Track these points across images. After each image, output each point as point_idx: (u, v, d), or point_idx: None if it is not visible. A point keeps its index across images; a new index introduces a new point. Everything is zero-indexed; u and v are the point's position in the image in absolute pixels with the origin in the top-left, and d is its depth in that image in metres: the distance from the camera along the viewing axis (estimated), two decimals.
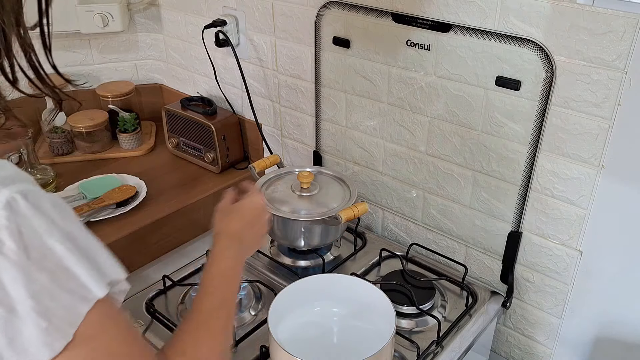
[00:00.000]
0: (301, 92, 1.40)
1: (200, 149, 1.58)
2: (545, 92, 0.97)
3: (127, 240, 1.30)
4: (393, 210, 1.33)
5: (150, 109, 1.82)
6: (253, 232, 0.89)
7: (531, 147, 1.02)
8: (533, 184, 1.05)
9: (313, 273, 1.07)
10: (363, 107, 1.27)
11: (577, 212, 1.02)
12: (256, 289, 1.14)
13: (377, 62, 1.19)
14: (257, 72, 1.49)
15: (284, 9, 1.33)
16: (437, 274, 1.20)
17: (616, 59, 0.87)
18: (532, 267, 1.12)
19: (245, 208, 0.90)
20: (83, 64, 1.75)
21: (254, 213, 0.90)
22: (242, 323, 1.06)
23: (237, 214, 0.88)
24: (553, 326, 1.14)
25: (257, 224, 0.90)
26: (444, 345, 1.02)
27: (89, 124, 1.60)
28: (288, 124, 1.48)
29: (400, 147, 1.24)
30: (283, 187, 1.21)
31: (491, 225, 1.15)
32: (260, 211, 0.92)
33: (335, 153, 1.39)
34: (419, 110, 1.17)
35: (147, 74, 1.83)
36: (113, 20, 1.59)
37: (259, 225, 0.91)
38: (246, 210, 0.90)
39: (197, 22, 1.58)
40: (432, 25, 1.06)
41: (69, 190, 1.43)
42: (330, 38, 1.25)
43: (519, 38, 0.96)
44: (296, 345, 0.89)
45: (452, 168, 1.16)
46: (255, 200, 0.92)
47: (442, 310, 1.10)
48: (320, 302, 1.00)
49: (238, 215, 0.88)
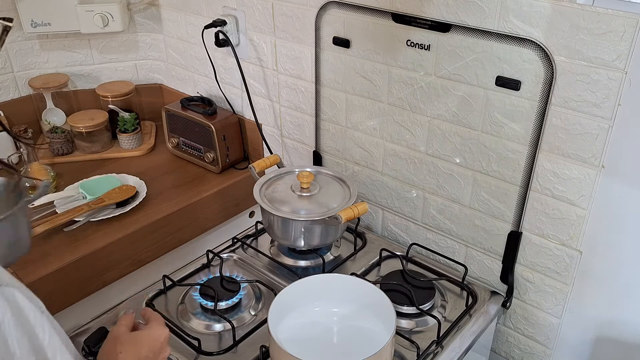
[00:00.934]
0: (301, 92, 1.40)
1: (200, 149, 1.58)
2: (545, 92, 0.97)
3: (127, 240, 1.30)
4: (393, 210, 1.33)
5: (150, 109, 1.82)
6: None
7: (531, 147, 1.02)
8: (533, 184, 1.05)
9: (313, 273, 1.07)
10: (363, 107, 1.27)
11: (577, 212, 1.02)
12: (256, 289, 1.14)
13: (377, 62, 1.19)
14: (257, 72, 1.49)
15: (284, 9, 1.33)
16: (437, 274, 1.20)
17: (616, 59, 0.87)
18: (532, 267, 1.12)
19: (143, 341, 0.79)
20: (83, 64, 1.75)
21: (153, 348, 0.79)
22: (242, 323, 1.06)
23: (132, 348, 0.78)
24: (553, 326, 1.14)
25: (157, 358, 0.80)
26: (444, 345, 1.02)
27: (89, 124, 1.60)
28: (288, 124, 1.48)
29: (400, 147, 1.24)
30: (283, 187, 1.21)
31: (491, 225, 1.15)
32: (160, 347, 0.81)
33: (335, 153, 1.39)
34: (419, 110, 1.17)
35: (147, 74, 1.83)
36: (113, 20, 1.59)
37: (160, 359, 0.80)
38: (144, 344, 0.79)
39: (197, 22, 1.58)
40: (432, 25, 1.06)
41: (69, 190, 1.43)
42: (330, 38, 1.25)
43: (519, 38, 0.96)
44: (296, 345, 0.89)
45: (452, 168, 1.16)
46: (157, 333, 0.81)
47: (442, 310, 1.10)
48: (320, 302, 1.00)
49: (133, 350, 0.78)
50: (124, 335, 0.80)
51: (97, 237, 1.29)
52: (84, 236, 1.29)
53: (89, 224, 1.33)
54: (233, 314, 1.07)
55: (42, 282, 1.16)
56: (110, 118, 1.66)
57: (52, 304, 1.20)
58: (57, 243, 1.26)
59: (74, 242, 1.27)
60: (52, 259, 1.21)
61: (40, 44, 1.69)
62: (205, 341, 1.02)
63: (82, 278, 1.24)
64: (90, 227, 1.32)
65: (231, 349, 1.00)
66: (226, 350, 1.00)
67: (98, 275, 1.27)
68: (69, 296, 1.23)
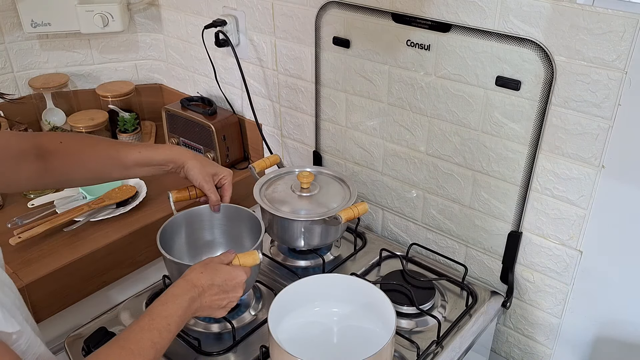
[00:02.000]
0: (301, 92, 1.40)
1: (200, 149, 1.58)
2: (545, 92, 0.97)
3: (127, 240, 1.30)
4: (393, 210, 1.33)
5: (150, 109, 1.82)
6: (216, 299, 0.85)
7: (531, 147, 1.02)
8: (533, 184, 1.05)
9: (313, 273, 1.07)
10: (363, 107, 1.27)
11: (577, 212, 1.02)
12: (256, 289, 1.14)
13: (377, 62, 1.19)
14: (257, 72, 1.49)
15: (284, 9, 1.33)
16: (437, 274, 1.20)
17: (616, 59, 0.87)
18: (532, 267, 1.12)
19: (222, 273, 0.87)
20: (83, 64, 1.75)
21: (227, 282, 0.86)
22: (242, 323, 1.06)
23: (211, 273, 0.86)
24: (553, 326, 1.14)
25: (224, 293, 0.86)
26: (444, 345, 1.02)
27: (89, 124, 1.60)
28: (288, 124, 1.48)
29: (400, 147, 1.24)
30: (283, 187, 1.21)
31: (491, 225, 1.15)
32: (234, 285, 0.87)
33: (335, 153, 1.39)
34: (419, 110, 1.17)
35: (147, 74, 1.83)
36: (113, 20, 1.59)
37: (226, 296, 0.87)
38: (222, 275, 0.86)
39: (197, 22, 1.58)
40: (432, 25, 1.06)
41: (69, 190, 1.43)
42: (330, 38, 1.25)
43: (519, 38, 0.96)
44: (296, 345, 0.89)
45: (452, 168, 1.16)
46: (237, 273, 0.88)
47: (442, 310, 1.10)
48: (320, 302, 1.00)
49: (211, 274, 0.85)
50: (211, 262, 0.88)
51: (97, 237, 1.28)
52: (84, 236, 1.29)
53: (89, 224, 1.33)
54: (233, 314, 1.07)
55: (42, 282, 1.17)
56: (110, 118, 1.66)
57: (52, 304, 1.20)
58: (57, 243, 1.26)
59: (74, 242, 1.27)
60: (52, 259, 1.21)
61: (40, 44, 1.69)
62: (205, 341, 1.02)
63: (82, 278, 1.24)
64: (90, 227, 1.32)
65: (231, 349, 1.00)
66: (226, 351, 1.00)
67: (98, 275, 1.27)
68: (69, 296, 1.23)
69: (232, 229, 1.15)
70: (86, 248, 1.24)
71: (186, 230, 1.12)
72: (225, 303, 0.87)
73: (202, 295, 0.83)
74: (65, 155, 0.98)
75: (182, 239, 1.12)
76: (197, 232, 1.14)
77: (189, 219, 1.12)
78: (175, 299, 0.81)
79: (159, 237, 1.03)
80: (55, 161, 0.97)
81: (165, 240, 1.04)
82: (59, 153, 0.97)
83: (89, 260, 1.24)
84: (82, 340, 1.01)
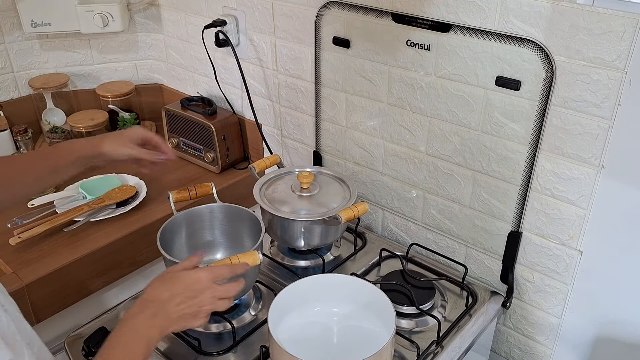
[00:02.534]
0: (301, 92, 1.40)
1: (200, 149, 1.58)
2: (545, 92, 0.97)
3: (127, 240, 1.30)
4: (393, 210, 1.33)
5: (150, 109, 1.82)
6: (183, 307, 0.79)
7: (531, 147, 1.02)
8: (533, 184, 1.05)
9: (313, 273, 1.07)
10: (363, 107, 1.27)
11: (577, 212, 1.02)
12: (256, 289, 1.14)
13: (377, 62, 1.19)
14: (257, 72, 1.49)
15: (284, 9, 1.33)
16: (437, 274, 1.20)
17: (616, 59, 0.87)
18: (532, 267, 1.12)
19: (181, 280, 0.81)
20: (83, 64, 1.75)
21: (189, 287, 0.80)
22: (242, 323, 1.06)
23: (168, 283, 0.80)
24: (553, 326, 1.14)
25: (190, 300, 0.80)
26: (444, 345, 1.02)
27: (89, 124, 1.60)
28: (288, 124, 1.48)
29: (400, 147, 1.24)
30: (283, 187, 1.21)
31: (491, 225, 1.15)
32: (200, 289, 0.81)
33: (335, 153, 1.39)
34: (419, 110, 1.17)
35: (147, 74, 1.83)
36: (113, 20, 1.59)
37: (194, 302, 0.80)
38: (181, 282, 0.81)
39: (197, 22, 1.58)
40: (432, 25, 1.06)
41: (69, 190, 1.43)
42: (330, 38, 1.25)
43: (519, 38, 0.96)
44: (296, 345, 0.89)
45: (452, 168, 1.16)
46: (198, 276, 0.82)
47: (442, 310, 1.10)
48: (320, 302, 1.00)
49: (168, 284, 0.80)
50: (170, 271, 0.83)
51: (97, 237, 1.29)
52: (84, 236, 1.29)
53: (89, 224, 1.33)
54: (233, 314, 1.07)
55: (42, 282, 1.17)
56: (110, 118, 1.66)
57: (52, 304, 1.20)
58: (57, 243, 1.26)
59: (74, 242, 1.27)
60: (52, 259, 1.21)
61: (40, 44, 1.69)
62: (205, 341, 1.02)
63: (82, 278, 1.24)
64: (90, 227, 1.32)
65: (231, 349, 1.00)
66: (226, 351, 1.00)
67: (98, 275, 1.27)
68: (69, 296, 1.23)
69: (232, 229, 1.15)
70: (86, 248, 1.24)
71: (186, 230, 1.13)
72: (195, 310, 0.80)
73: (164, 308, 0.78)
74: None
75: (182, 239, 1.12)
76: (197, 232, 1.14)
77: (189, 219, 1.12)
78: (134, 320, 0.76)
79: (159, 237, 1.03)
80: None
81: (165, 240, 1.04)
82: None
83: (89, 260, 1.24)
84: (82, 340, 1.01)
